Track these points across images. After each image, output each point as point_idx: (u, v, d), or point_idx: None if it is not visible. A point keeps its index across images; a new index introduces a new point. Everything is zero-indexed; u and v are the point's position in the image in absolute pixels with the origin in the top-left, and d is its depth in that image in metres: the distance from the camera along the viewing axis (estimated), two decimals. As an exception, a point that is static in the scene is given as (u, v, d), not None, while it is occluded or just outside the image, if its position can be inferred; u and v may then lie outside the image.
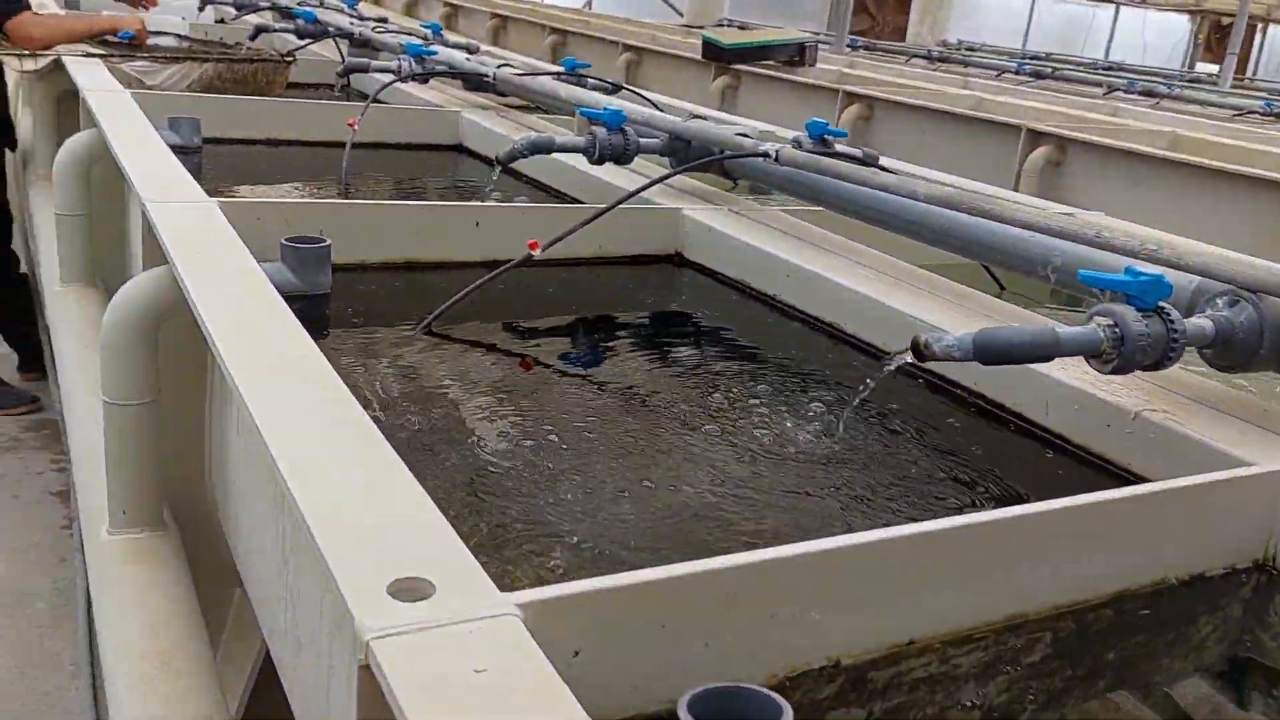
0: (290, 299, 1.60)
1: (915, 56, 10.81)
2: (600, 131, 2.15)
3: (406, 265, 1.94)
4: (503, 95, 3.26)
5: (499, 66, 3.13)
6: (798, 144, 2.32)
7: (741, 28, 13.65)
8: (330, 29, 4.14)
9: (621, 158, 2.18)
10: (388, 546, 0.83)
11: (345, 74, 3.09)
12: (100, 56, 3.30)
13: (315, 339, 1.26)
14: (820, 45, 7.49)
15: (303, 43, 4.01)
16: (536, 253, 1.75)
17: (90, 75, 3.02)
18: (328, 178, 2.70)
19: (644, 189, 2.02)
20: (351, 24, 4.20)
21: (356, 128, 2.60)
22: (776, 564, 0.91)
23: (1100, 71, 10.64)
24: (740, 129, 2.35)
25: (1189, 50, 22.01)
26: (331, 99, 4.00)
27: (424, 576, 0.78)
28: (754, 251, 2.00)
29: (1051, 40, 18.77)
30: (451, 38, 4.33)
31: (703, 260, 2.14)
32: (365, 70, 3.09)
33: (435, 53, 3.15)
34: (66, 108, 3.63)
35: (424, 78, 3.15)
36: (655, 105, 3.19)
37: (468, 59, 3.21)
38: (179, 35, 4.12)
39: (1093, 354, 1.25)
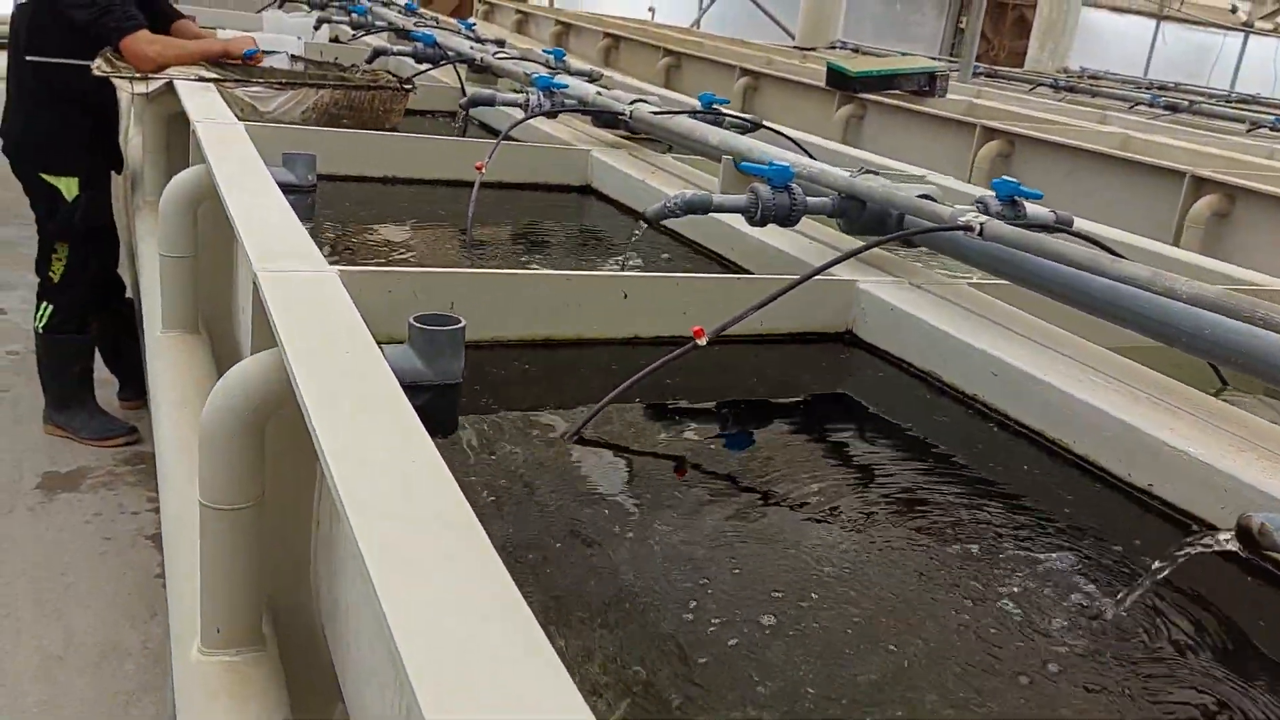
0: (418, 389, 1.38)
1: (1040, 85, 10.35)
2: (763, 190, 1.87)
3: (545, 343, 1.69)
4: (634, 132, 3.01)
5: (633, 102, 2.88)
6: (984, 207, 2.03)
7: (855, 50, 13.32)
8: (449, 54, 3.94)
9: (786, 219, 1.91)
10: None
11: (469, 107, 2.87)
12: (214, 80, 3.13)
13: (443, 438, 1.02)
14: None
15: (422, 68, 3.82)
16: (703, 341, 1.49)
17: (201, 101, 2.85)
18: (450, 224, 2.48)
19: (830, 265, 1.74)
20: (471, 49, 4.00)
21: (484, 171, 2.37)
22: None
23: (1238, 105, 10.06)
24: (916, 184, 2.05)
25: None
26: (449, 129, 3.81)
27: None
28: (950, 342, 1.71)
29: (1175, 69, 18.01)
30: (572, 63, 4.10)
31: (879, 342, 1.85)
32: (491, 104, 2.87)
33: (565, 85, 2.92)
34: (176, 131, 3.49)
35: (553, 113, 2.92)
36: (799, 144, 2.91)
37: (599, 92, 2.97)
38: (293, 56, 3.96)
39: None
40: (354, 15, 4.92)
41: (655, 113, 2.71)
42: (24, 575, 3.04)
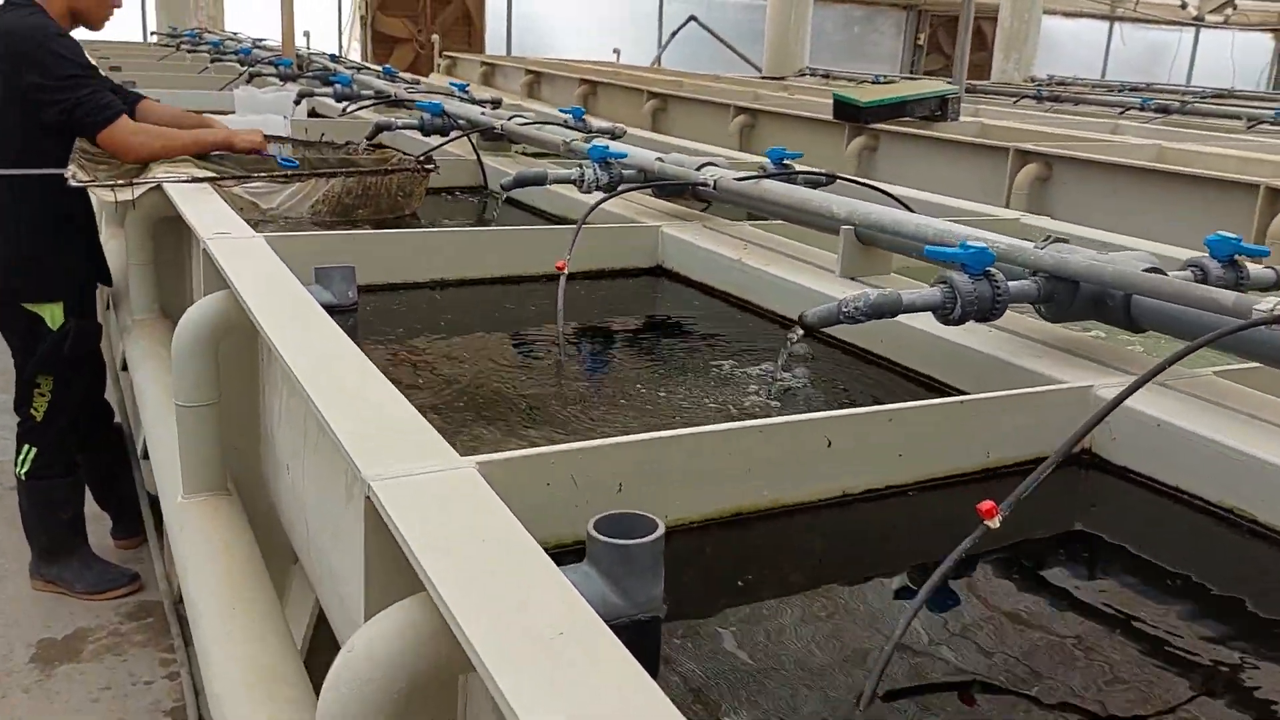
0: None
1: (1024, 97, 10.11)
2: (960, 280, 1.47)
3: (736, 519, 1.28)
4: (702, 200, 2.61)
5: (702, 167, 2.48)
6: (1202, 272, 1.64)
7: (826, 76, 13.09)
8: (460, 122, 3.53)
9: (989, 314, 1.51)
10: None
11: (515, 188, 2.46)
12: (209, 180, 2.70)
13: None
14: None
15: (436, 142, 3.40)
16: (994, 523, 1.08)
17: (201, 208, 2.41)
18: (533, 339, 2.06)
19: (1141, 383, 1.33)
20: (483, 114, 3.60)
21: (566, 270, 1.96)
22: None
23: (1222, 101, 9.86)
24: (1130, 255, 1.66)
25: (1274, 70, 21.08)
26: (472, 209, 3.40)
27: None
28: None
29: (1132, 69, 17.97)
30: (592, 122, 3.71)
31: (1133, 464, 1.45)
32: (542, 183, 2.45)
33: (624, 155, 2.52)
34: (165, 236, 3.06)
35: (611, 187, 2.51)
36: (892, 195, 2.53)
37: (660, 159, 2.56)
38: (282, 138, 3.53)
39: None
40: (338, 86, 4.50)
41: (739, 179, 2.31)
42: (28, 779, 2.57)
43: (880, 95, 5.85)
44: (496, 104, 4.67)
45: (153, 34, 10.92)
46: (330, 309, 2.05)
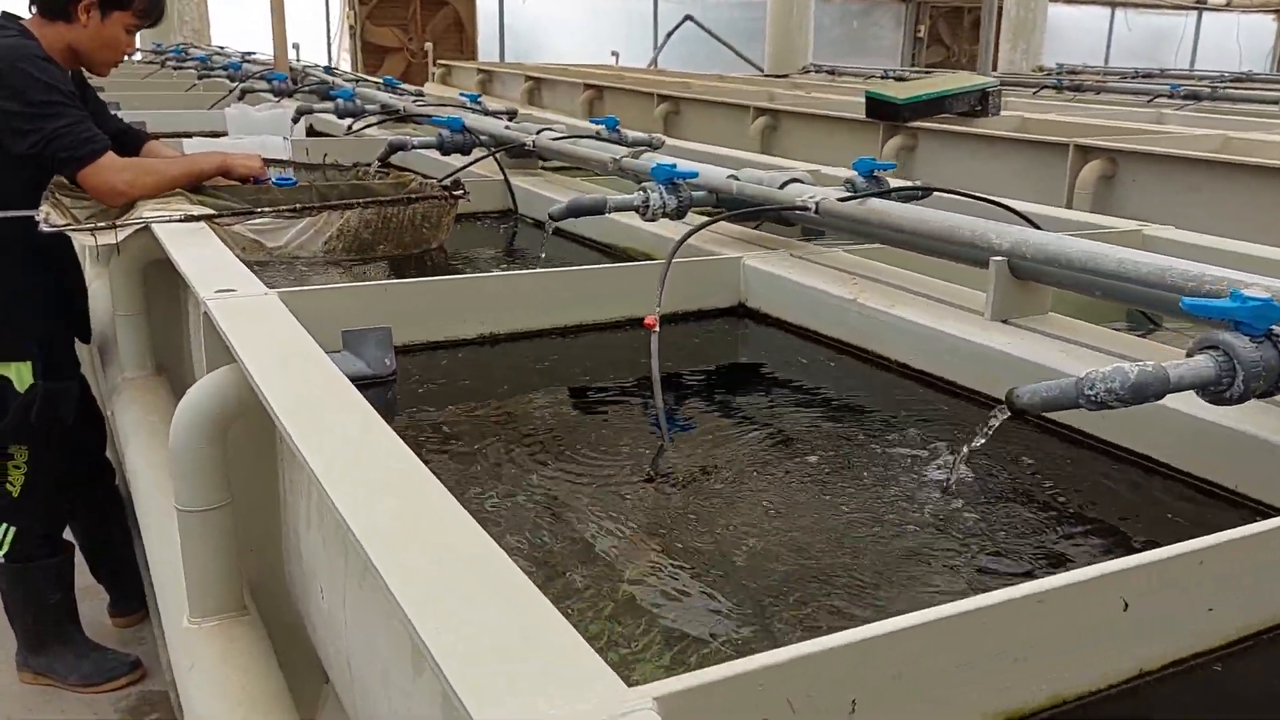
0: None
1: (1044, 87, 9.72)
2: (1241, 346, 1.08)
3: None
4: (788, 224, 2.22)
5: (788, 183, 2.09)
6: None
7: (831, 73, 12.70)
8: (482, 138, 3.13)
9: (1276, 387, 1.12)
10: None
11: (569, 216, 2.06)
12: (206, 218, 2.30)
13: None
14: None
15: (456, 163, 3.00)
16: None
17: (197, 254, 2.01)
18: (615, 419, 1.66)
19: None
20: (507, 129, 3.20)
21: (657, 327, 1.57)
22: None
23: (1252, 86, 9.50)
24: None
25: (1278, 52, 20.76)
26: (500, 238, 3.01)
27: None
28: None
29: (1136, 56, 17.64)
30: (630, 133, 3.32)
31: None
32: (601, 211, 2.06)
33: (694, 174, 2.13)
34: (156, 280, 2.66)
35: (680, 212, 2.12)
36: (1008, 208, 2.14)
37: (733, 176, 2.17)
38: (283, 161, 3.13)
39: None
40: (340, 101, 4.10)
41: (843, 199, 1.91)
42: None
43: (918, 91, 5.46)
44: (511, 115, 4.28)
45: (136, 50, 10.51)
46: (363, 382, 1.67)
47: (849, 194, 1.93)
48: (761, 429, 1.60)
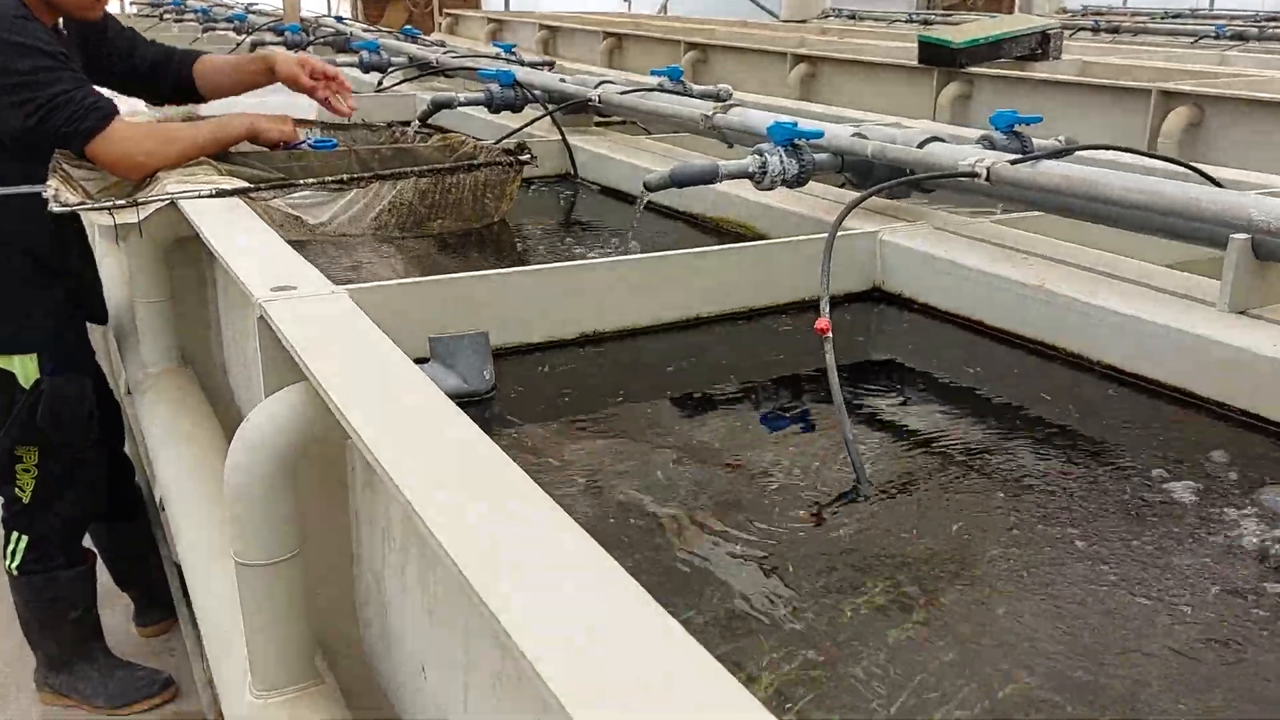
0: None
1: (1080, 29, 9.31)
2: None
3: None
4: (924, 189, 1.90)
5: (927, 141, 1.76)
6: None
7: (852, 17, 12.23)
8: (535, 93, 2.79)
9: None
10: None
11: (673, 185, 1.74)
12: (240, 193, 1.98)
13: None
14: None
15: (519, 125, 2.66)
16: None
17: (239, 244, 1.69)
18: (763, 438, 1.36)
19: None
20: (562, 81, 2.86)
21: (830, 332, 1.26)
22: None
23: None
24: None
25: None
26: (559, 207, 2.68)
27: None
28: None
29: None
30: (696, 86, 2.98)
31: None
32: (712, 179, 1.74)
33: (818, 134, 1.80)
34: (182, 261, 2.35)
35: (801, 179, 1.80)
36: (1202, 172, 1.81)
37: (858, 133, 1.85)
38: (310, 122, 2.77)
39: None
40: (365, 54, 3.74)
41: (1014, 161, 1.59)
42: None
43: (975, 34, 5.09)
44: (550, 66, 3.94)
45: (131, 4, 10.07)
46: (460, 399, 1.36)
47: (1019, 156, 1.61)
48: (965, 459, 1.29)
